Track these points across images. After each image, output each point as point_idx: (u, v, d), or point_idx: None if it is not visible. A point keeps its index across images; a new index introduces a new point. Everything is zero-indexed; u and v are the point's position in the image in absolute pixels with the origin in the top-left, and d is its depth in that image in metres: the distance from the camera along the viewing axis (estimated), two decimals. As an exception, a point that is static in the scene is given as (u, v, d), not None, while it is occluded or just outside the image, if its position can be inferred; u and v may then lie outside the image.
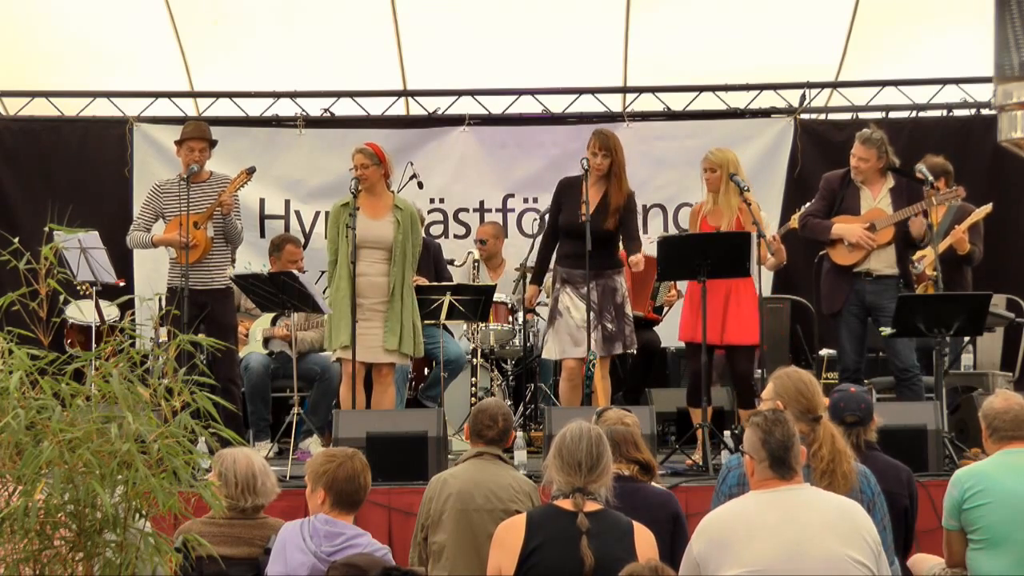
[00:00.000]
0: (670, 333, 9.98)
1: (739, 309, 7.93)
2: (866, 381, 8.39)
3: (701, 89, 10.78)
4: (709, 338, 7.80)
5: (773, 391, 5.18)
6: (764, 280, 8.71)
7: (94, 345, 8.84)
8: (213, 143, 8.61)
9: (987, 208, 8.72)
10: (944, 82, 10.74)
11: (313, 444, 8.32)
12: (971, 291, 8.76)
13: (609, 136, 8.19)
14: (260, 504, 5.34)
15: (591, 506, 4.54)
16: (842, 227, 8.17)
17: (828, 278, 8.36)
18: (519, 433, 7.50)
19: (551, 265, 8.31)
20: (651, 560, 4.11)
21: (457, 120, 10.83)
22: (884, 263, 8.18)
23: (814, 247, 9.93)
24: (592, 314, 7.92)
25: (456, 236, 10.77)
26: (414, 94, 11.00)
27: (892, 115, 10.73)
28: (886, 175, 8.23)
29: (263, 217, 10.66)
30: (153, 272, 10.08)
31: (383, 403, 7.90)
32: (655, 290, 9.60)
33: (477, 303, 8.50)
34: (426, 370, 9.30)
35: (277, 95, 10.81)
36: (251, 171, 8.47)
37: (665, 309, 9.86)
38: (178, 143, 8.60)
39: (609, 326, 8.00)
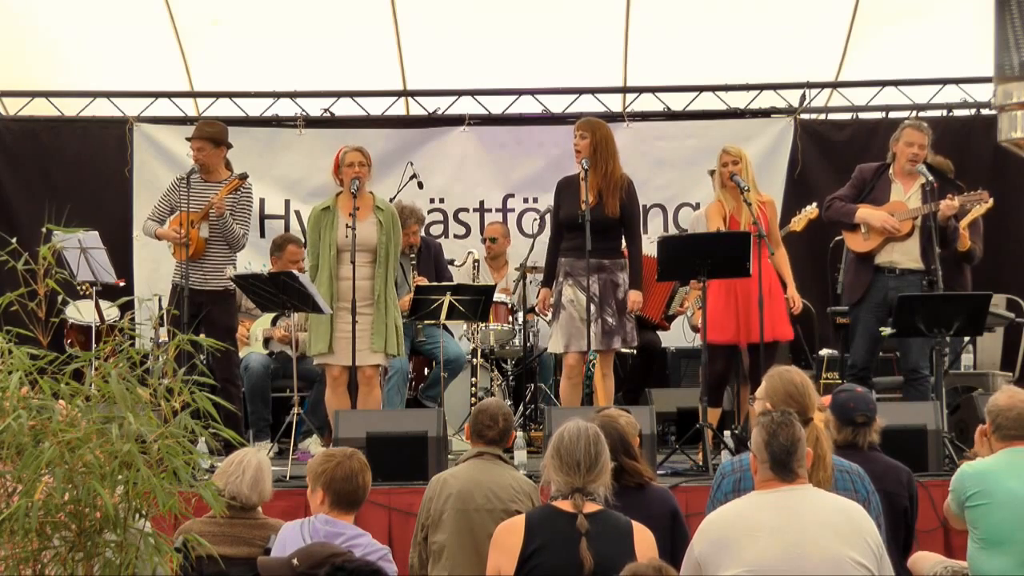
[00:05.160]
0: (671, 334, 10.01)
1: (773, 305, 7.88)
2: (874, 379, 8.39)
3: (701, 89, 10.78)
4: (738, 337, 7.80)
5: (764, 391, 5.18)
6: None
7: (94, 345, 8.85)
8: (221, 143, 8.61)
9: (987, 204, 8.67)
10: (944, 82, 10.74)
11: (313, 444, 8.32)
12: (971, 291, 8.74)
13: (589, 120, 8.23)
14: (256, 503, 5.37)
15: (590, 507, 4.52)
16: (866, 212, 8.16)
17: (851, 268, 8.34)
18: (519, 433, 7.49)
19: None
20: (653, 560, 4.10)
21: (457, 120, 10.83)
22: (908, 257, 8.14)
23: (815, 247, 9.97)
24: (593, 306, 7.89)
25: (456, 236, 10.77)
26: (414, 94, 11.00)
27: (892, 115, 10.72)
28: (918, 171, 8.17)
29: (263, 217, 10.66)
30: (153, 272, 10.11)
31: (368, 404, 7.87)
32: (670, 298, 9.58)
33: (477, 303, 8.49)
34: (426, 370, 9.30)
35: (277, 95, 10.81)
36: (243, 176, 8.53)
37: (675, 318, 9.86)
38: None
39: (610, 320, 7.95)
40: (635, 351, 9.52)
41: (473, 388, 9.04)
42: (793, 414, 4.58)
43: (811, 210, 8.64)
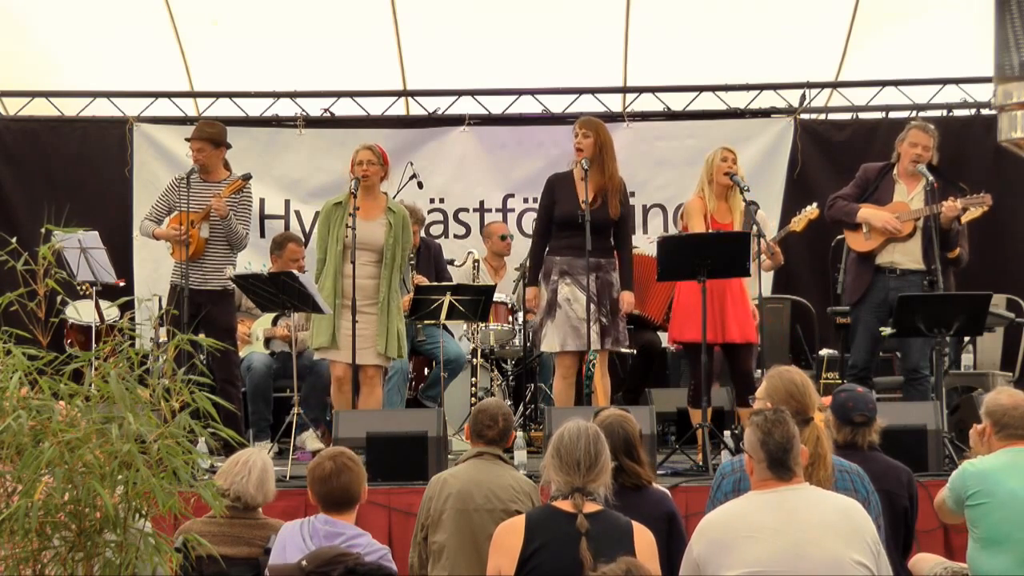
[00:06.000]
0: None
1: (735, 308, 7.91)
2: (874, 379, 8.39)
3: (701, 89, 10.78)
4: (714, 336, 7.79)
5: (764, 391, 5.17)
6: (764, 280, 8.69)
7: (94, 345, 8.84)
8: (221, 143, 8.60)
9: (985, 207, 8.59)
10: (944, 82, 10.74)
11: (309, 439, 8.31)
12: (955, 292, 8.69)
13: (591, 119, 8.23)
14: (261, 504, 5.37)
15: (590, 507, 4.52)
16: (868, 212, 8.16)
17: (852, 268, 8.34)
18: (519, 433, 7.48)
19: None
20: (626, 560, 4.06)
21: (457, 120, 10.83)
22: (909, 257, 8.13)
23: (815, 247, 9.96)
24: (592, 306, 7.88)
25: (456, 236, 10.77)
26: (414, 94, 11.00)
27: (892, 115, 10.73)
28: (919, 171, 8.15)
29: (263, 217, 10.66)
30: (153, 272, 10.11)
31: (369, 404, 7.88)
32: (672, 299, 9.57)
33: (477, 303, 8.49)
34: (426, 370, 9.30)
35: (277, 95, 10.81)
36: (246, 177, 8.51)
37: None
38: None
39: (604, 320, 7.95)
40: (635, 351, 9.52)
41: (473, 388, 9.03)
42: (785, 411, 4.57)
43: (811, 210, 8.63)
